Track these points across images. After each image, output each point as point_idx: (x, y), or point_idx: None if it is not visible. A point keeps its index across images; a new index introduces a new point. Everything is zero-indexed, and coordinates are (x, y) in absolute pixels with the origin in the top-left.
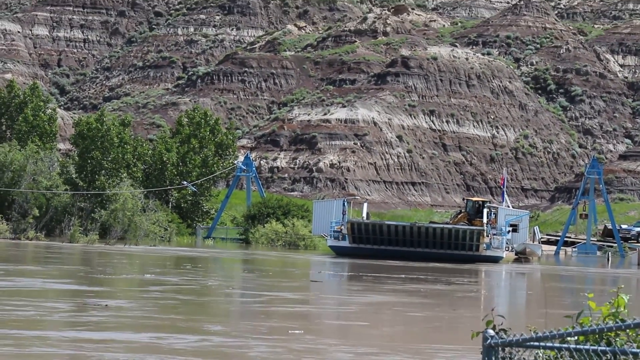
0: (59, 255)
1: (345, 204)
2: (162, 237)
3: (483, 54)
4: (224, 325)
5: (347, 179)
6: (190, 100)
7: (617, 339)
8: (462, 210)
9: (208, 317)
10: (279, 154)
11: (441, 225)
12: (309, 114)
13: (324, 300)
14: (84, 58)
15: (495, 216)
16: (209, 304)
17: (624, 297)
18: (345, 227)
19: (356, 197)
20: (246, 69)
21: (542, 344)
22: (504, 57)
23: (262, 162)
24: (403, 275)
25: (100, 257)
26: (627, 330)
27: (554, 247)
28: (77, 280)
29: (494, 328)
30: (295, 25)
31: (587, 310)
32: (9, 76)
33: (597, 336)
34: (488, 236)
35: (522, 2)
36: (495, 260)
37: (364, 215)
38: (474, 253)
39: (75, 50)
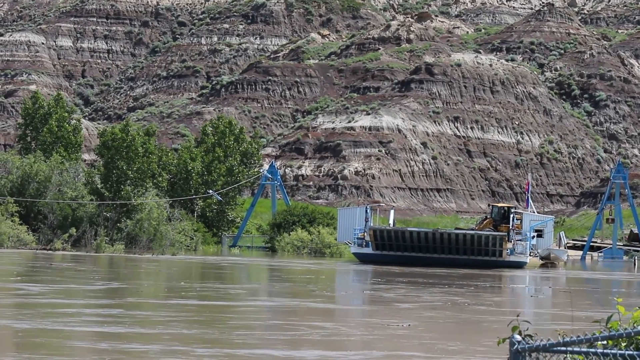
0: (205, 271)
1: (369, 210)
2: (188, 246)
3: (507, 60)
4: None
5: (372, 186)
6: (214, 110)
7: None
8: (488, 216)
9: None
10: (304, 162)
11: (463, 231)
12: (333, 122)
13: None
14: (108, 68)
15: (520, 222)
16: (481, 323)
17: None
18: (368, 234)
19: (381, 204)
20: (270, 78)
21: (569, 348)
22: (527, 63)
23: (287, 170)
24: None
25: (221, 270)
26: None
27: (580, 252)
28: (311, 299)
29: (520, 333)
30: (319, 33)
31: (616, 314)
32: (33, 87)
33: (626, 340)
34: (511, 242)
35: (545, 8)
36: (518, 265)
37: (391, 222)
38: (497, 259)
39: (99, 61)
